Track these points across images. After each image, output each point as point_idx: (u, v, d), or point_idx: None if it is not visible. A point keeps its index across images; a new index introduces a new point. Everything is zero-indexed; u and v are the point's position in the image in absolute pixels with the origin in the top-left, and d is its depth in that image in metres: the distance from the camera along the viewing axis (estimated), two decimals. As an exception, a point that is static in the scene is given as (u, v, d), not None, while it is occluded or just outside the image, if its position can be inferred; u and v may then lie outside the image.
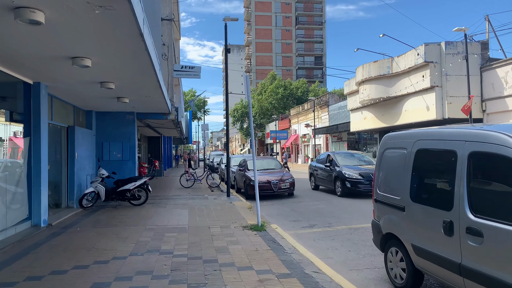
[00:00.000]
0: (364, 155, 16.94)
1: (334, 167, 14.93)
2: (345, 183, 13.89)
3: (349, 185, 13.78)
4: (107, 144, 14.04)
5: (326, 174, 15.62)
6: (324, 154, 17.32)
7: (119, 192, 11.71)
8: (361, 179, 13.60)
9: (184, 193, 15.73)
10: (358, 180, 13.66)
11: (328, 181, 15.37)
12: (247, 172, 15.24)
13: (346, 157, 16.03)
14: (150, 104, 12.64)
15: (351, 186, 13.73)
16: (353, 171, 14.02)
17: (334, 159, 15.38)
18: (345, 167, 14.50)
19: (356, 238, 7.82)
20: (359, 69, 25.47)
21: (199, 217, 9.86)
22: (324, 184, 16.03)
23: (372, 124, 27.15)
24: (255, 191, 8.88)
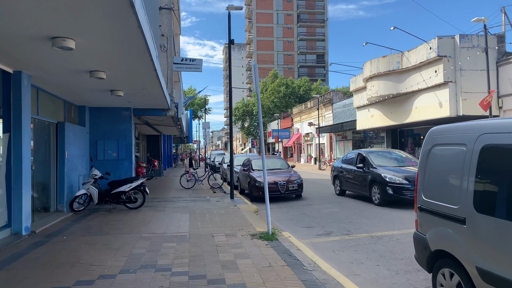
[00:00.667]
0: (404, 154, 13.96)
1: (368, 168, 12.39)
2: (386, 189, 11.26)
3: (391, 191, 11.15)
4: (101, 142, 13.05)
5: (357, 177, 13.06)
6: (352, 153, 14.54)
7: (113, 194, 10.72)
8: (407, 184, 10.89)
9: (184, 194, 14.74)
10: (403, 185, 10.97)
11: (360, 185, 12.85)
12: (252, 173, 14.25)
13: (383, 156, 13.29)
14: (147, 99, 11.65)
15: (394, 192, 11.11)
16: (396, 174, 11.40)
17: (368, 159, 12.74)
18: (384, 168, 11.98)
19: (381, 249, 6.81)
20: (367, 64, 24.45)
21: (201, 222, 8.86)
22: (354, 189, 13.42)
23: (379, 122, 26.13)
24: (265, 195, 7.88)
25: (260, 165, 15.01)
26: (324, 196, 14.44)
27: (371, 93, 24.33)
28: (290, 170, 14.69)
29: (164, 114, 13.69)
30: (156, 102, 12.36)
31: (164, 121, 16.07)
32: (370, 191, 12.13)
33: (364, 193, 12.55)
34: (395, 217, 9.80)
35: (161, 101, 12.12)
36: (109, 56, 6.50)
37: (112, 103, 12.39)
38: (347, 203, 12.38)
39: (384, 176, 11.54)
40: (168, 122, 16.90)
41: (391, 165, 12.41)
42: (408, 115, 22.59)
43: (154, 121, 16.02)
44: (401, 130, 28.16)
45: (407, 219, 9.40)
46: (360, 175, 12.86)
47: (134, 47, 5.97)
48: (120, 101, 11.89)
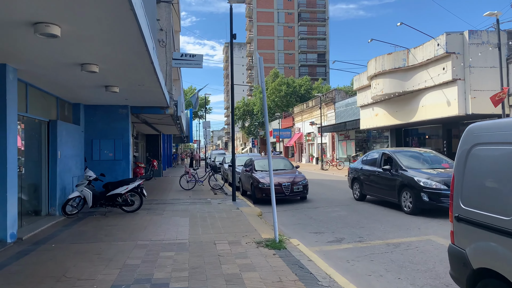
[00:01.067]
0: (437, 155, 12.10)
1: (397, 171, 10.79)
2: (420, 195, 9.68)
3: (427, 198, 9.56)
4: (97, 141, 12.43)
5: (382, 181, 11.45)
6: (375, 152, 12.87)
7: (108, 197, 10.10)
8: (446, 189, 9.32)
9: (184, 196, 14.12)
10: (441, 191, 9.38)
11: (386, 190, 11.27)
12: (255, 173, 13.63)
13: (412, 156, 11.59)
14: (145, 96, 11.03)
15: (431, 199, 9.52)
16: (432, 178, 9.88)
17: (395, 159, 11.14)
18: (416, 171, 10.44)
19: (401, 258, 6.19)
20: (371, 62, 23.82)
21: (202, 228, 8.24)
22: (377, 194, 11.81)
23: (384, 121, 25.51)
24: (272, 200, 7.24)
25: (263, 165, 14.42)
26: (331, 198, 13.82)
27: (375, 91, 23.70)
28: (294, 170, 14.07)
29: (163, 112, 13.07)
30: (155, 100, 11.74)
31: (163, 119, 15.45)
32: (399, 197, 10.51)
33: (391, 199, 10.97)
34: (408, 221, 9.19)
35: (160, 99, 11.51)
36: (99, 46, 5.88)
37: (108, 101, 11.78)
38: (356, 206, 11.75)
39: (417, 180, 9.93)
40: (167, 121, 16.29)
41: (423, 167, 10.86)
42: (414, 114, 21.97)
43: (153, 119, 15.41)
44: (405, 129, 27.56)
45: (422, 224, 8.79)
46: (386, 178, 11.25)
47: (127, 35, 5.35)
48: (116, 98, 11.28)
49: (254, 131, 69.76)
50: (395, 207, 10.97)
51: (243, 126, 71.97)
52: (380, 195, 11.70)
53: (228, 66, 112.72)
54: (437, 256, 6.20)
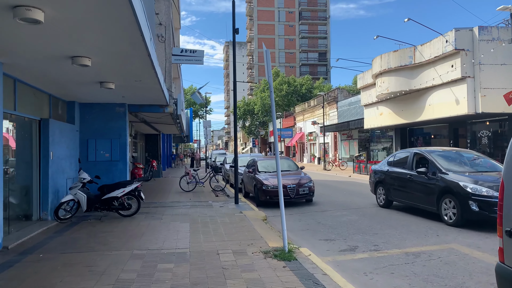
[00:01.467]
0: (481, 156, 10.46)
1: (436, 174, 9.17)
2: (468, 204, 8.16)
3: (476, 207, 8.04)
4: (93, 141, 11.83)
5: (416, 186, 9.83)
6: (404, 152, 11.35)
7: (104, 200, 9.50)
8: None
9: (184, 198, 13.53)
10: (494, 199, 7.81)
11: (421, 197, 9.64)
12: (258, 175, 13.04)
13: (451, 158, 9.88)
14: (143, 94, 10.43)
15: (481, 208, 7.99)
16: (481, 183, 8.33)
17: (432, 161, 9.52)
18: (460, 174, 8.87)
19: (424, 271, 5.59)
20: (376, 60, 23.21)
21: (204, 234, 7.64)
22: (409, 201, 10.16)
23: (389, 120, 24.90)
24: (280, 206, 6.63)
25: (267, 166, 13.83)
26: (338, 201, 13.22)
27: (380, 90, 23.10)
28: (299, 172, 13.47)
29: (162, 111, 12.46)
30: (153, 97, 11.14)
31: (162, 118, 14.86)
32: (439, 206, 8.92)
33: (428, 207, 9.40)
34: (424, 227, 8.59)
35: (159, 96, 10.91)
36: (89, 36, 5.28)
37: (105, 98, 11.18)
38: (366, 210, 11.15)
39: (463, 185, 8.37)
40: (166, 120, 15.69)
41: (466, 170, 9.34)
42: (421, 112, 21.37)
43: (152, 118, 14.81)
44: (410, 128, 26.95)
45: (440, 230, 8.19)
46: (421, 183, 9.63)
47: (120, 22, 4.75)
48: (113, 96, 10.69)
49: (254, 131, 69.18)
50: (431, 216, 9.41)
51: (243, 126, 71.38)
52: (412, 202, 10.05)
53: (228, 66, 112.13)
54: (465, 269, 5.60)
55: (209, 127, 24.51)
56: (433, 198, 9.16)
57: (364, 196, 14.12)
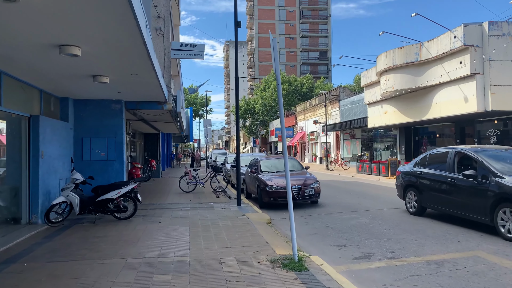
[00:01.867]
0: None
1: (488, 178, 7.61)
2: None
3: None
4: (88, 140, 11.24)
5: (461, 191, 8.27)
6: (439, 151, 9.81)
7: (98, 202, 8.92)
8: None
9: (184, 199, 12.94)
10: None
11: (467, 205, 8.06)
12: (261, 175, 12.45)
13: (504, 158, 8.21)
14: (140, 89, 9.85)
15: None
16: None
17: (482, 162, 7.98)
18: None
19: (452, 284, 5.00)
20: (381, 57, 22.61)
21: (205, 240, 7.06)
22: (451, 209, 8.59)
23: (394, 119, 24.31)
24: (290, 211, 6.00)
25: (270, 166, 13.26)
26: (345, 202, 12.63)
27: (385, 88, 22.50)
28: (304, 172, 12.88)
29: (161, 108, 11.87)
30: (151, 94, 10.56)
31: (161, 116, 14.26)
32: (494, 216, 7.37)
33: (478, 217, 7.79)
34: (441, 230, 8.00)
35: (157, 92, 10.33)
36: (77, 18, 4.69)
37: (100, 95, 10.60)
38: (376, 213, 10.56)
39: None
40: (165, 118, 15.09)
41: None
42: (427, 111, 20.78)
43: (150, 116, 14.21)
44: (415, 127, 26.38)
45: (460, 234, 7.61)
46: (467, 188, 8.10)
47: (111, 3, 4.16)
48: (108, 92, 10.11)
49: (255, 130, 68.61)
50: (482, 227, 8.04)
51: (244, 125, 70.83)
52: (455, 211, 8.45)
53: (229, 65, 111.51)
54: (497, 281, 5.02)
55: (210, 126, 23.93)
56: (485, 206, 7.58)
57: (371, 197, 13.55)
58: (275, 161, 13.69)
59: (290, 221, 5.88)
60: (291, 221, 5.86)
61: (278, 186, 11.43)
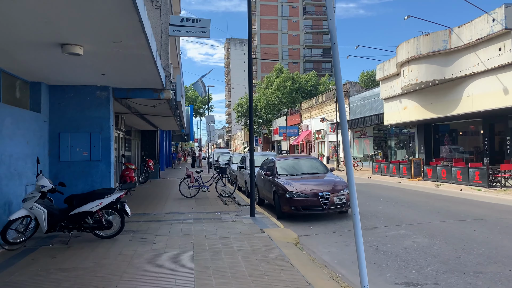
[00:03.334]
0: None
1: None
2: None
3: None
4: (66, 135, 9.09)
5: None
6: None
7: (73, 217, 6.77)
8: None
9: (185, 207, 10.80)
10: None
11: None
12: (278, 179, 10.30)
13: None
14: (130, 69, 7.71)
15: None
16: None
17: None
18: None
19: None
20: (403, 46, 20.42)
21: (217, 277, 4.89)
22: None
23: (415, 115, 22.12)
24: (357, 245, 3.84)
25: (288, 167, 11.12)
26: (378, 211, 10.47)
27: (407, 80, 20.30)
28: (329, 174, 10.70)
29: (157, 97, 9.68)
30: (144, 77, 8.40)
31: (158, 108, 12.06)
32: None
33: None
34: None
35: (151, 76, 8.18)
36: None
37: (82, 79, 8.47)
38: (430, 227, 8.38)
39: None
40: (163, 110, 12.90)
41: None
42: (456, 105, 18.60)
43: (144, 107, 12.01)
44: (435, 125, 24.22)
45: None
46: None
47: None
48: (91, 74, 7.99)
49: (257, 129, 66.47)
50: None
51: (246, 124, 68.68)
52: None
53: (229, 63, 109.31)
54: None
55: (213, 123, 21.77)
56: None
57: (408, 205, 11.38)
58: (293, 161, 11.53)
59: (359, 265, 3.69)
60: (361, 266, 3.66)
61: (301, 193, 9.27)
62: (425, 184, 17.97)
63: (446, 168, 17.64)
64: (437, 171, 18.07)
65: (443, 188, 16.18)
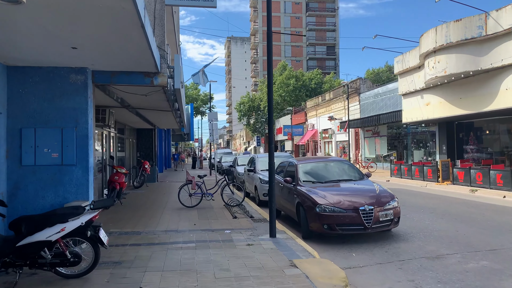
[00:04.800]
0: None
1: None
2: None
3: None
4: (30, 132, 6.95)
5: None
6: None
7: (22, 249, 4.63)
8: None
9: (185, 223, 8.67)
10: None
11: None
12: (303, 187, 8.17)
13: None
14: (113, 45, 5.57)
15: None
16: None
17: None
18: None
19: None
20: (429, 34, 18.26)
21: None
22: None
23: (440, 111, 19.96)
24: None
25: (313, 172, 8.98)
26: (429, 228, 8.29)
27: (434, 72, 18.15)
28: (367, 182, 8.55)
29: (149, 82, 7.53)
30: (132, 54, 6.27)
31: (152, 98, 9.76)
32: None
33: None
34: None
35: (141, 51, 6.05)
36: None
37: (49, 57, 6.36)
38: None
39: None
40: (158, 103, 10.67)
41: None
42: (492, 100, 16.45)
43: (134, 97, 9.70)
44: (459, 123, 22.08)
45: None
46: None
47: None
48: (60, 50, 5.88)
49: (260, 129, 64.32)
50: None
51: (248, 123, 66.53)
52: None
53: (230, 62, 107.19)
54: None
55: (216, 120, 19.62)
56: None
57: (460, 217, 9.21)
58: (319, 165, 9.37)
59: None
60: None
61: (336, 207, 7.13)
62: (456, 189, 15.85)
63: (483, 171, 15.49)
64: (471, 174, 15.93)
65: (481, 194, 14.05)
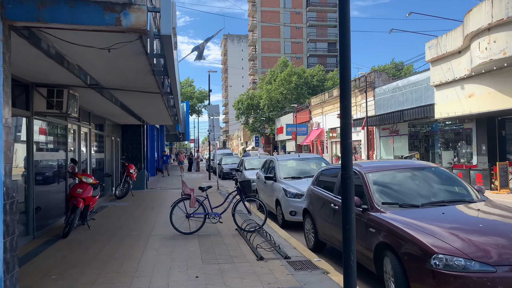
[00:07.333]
0: None
1: None
2: None
3: None
4: None
5: None
6: None
7: None
8: None
9: (180, 270, 5.11)
10: None
11: None
12: (384, 213, 4.65)
13: None
14: None
15: None
16: None
17: None
18: None
19: None
20: (479, 8, 14.88)
21: None
22: None
23: (487, 104, 16.56)
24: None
25: (393, 185, 5.46)
26: None
27: (487, 55, 14.74)
28: (495, 204, 5.04)
29: (113, 22, 3.83)
30: None
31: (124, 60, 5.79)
32: None
33: None
34: None
35: None
36: None
37: None
38: None
39: None
40: (135, 73, 6.75)
41: None
42: None
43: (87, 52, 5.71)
44: (501, 119, 18.72)
45: None
46: None
47: None
48: None
49: (259, 128, 60.95)
50: None
51: (246, 123, 63.13)
52: None
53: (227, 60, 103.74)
54: None
55: (217, 115, 16.13)
56: None
57: None
58: (401, 174, 5.77)
59: None
60: None
61: (476, 260, 3.62)
62: (523, 199, 12.47)
63: (562, 177, 12.15)
64: (542, 182, 12.59)
65: None
